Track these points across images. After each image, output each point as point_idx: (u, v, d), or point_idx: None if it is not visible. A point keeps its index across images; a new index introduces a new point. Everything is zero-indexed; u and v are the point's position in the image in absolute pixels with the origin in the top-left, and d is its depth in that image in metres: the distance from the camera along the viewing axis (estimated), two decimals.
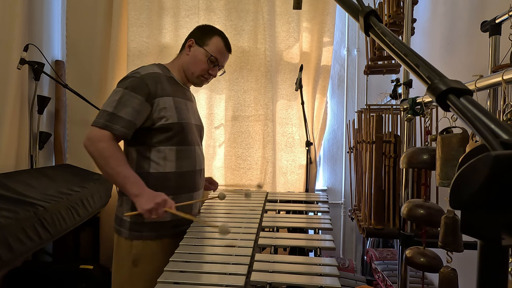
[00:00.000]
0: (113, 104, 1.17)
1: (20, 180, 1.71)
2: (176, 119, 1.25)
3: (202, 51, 1.33)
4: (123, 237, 1.25)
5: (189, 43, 1.35)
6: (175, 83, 1.34)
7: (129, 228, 1.24)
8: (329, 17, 2.57)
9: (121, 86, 1.21)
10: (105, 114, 1.17)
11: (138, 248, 1.22)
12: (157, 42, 2.59)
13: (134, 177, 1.16)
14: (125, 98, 1.17)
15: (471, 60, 1.69)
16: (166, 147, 1.25)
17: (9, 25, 1.99)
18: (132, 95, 1.18)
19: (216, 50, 1.34)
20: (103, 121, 1.16)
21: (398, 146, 1.61)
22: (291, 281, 0.87)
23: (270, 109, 2.56)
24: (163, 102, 1.23)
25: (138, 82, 1.20)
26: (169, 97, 1.26)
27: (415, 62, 0.41)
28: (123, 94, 1.18)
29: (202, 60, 1.34)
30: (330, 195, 2.78)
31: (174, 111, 1.26)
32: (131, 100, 1.18)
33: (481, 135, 0.31)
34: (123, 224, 1.26)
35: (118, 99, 1.17)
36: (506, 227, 0.29)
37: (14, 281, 1.96)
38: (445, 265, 0.96)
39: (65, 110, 2.57)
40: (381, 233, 1.61)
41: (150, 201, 1.12)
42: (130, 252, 1.23)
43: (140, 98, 1.19)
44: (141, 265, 1.21)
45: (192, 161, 1.33)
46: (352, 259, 2.73)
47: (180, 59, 1.38)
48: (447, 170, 0.87)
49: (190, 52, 1.35)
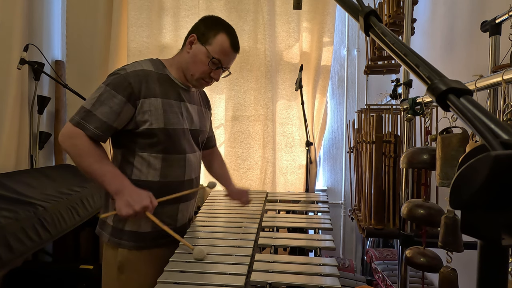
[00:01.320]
0: (92, 101, 1.07)
1: (20, 180, 1.71)
2: (162, 124, 1.11)
3: (203, 50, 1.14)
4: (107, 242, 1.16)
5: (191, 39, 1.16)
6: (169, 82, 1.18)
7: (110, 233, 1.15)
8: (329, 17, 2.57)
9: (105, 82, 1.10)
10: (82, 111, 1.07)
11: (123, 255, 1.13)
12: (157, 42, 2.59)
13: (112, 173, 1.06)
14: (104, 96, 1.06)
15: (471, 60, 1.69)
16: (150, 155, 1.13)
17: (9, 25, 1.99)
18: (112, 93, 1.06)
19: (220, 50, 1.14)
20: (78, 118, 1.06)
21: (398, 146, 1.61)
22: (291, 281, 0.87)
23: (270, 109, 2.56)
24: (148, 104, 1.09)
25: (121, 80, 1.08)
26: (157, 99, 1.11)
27: (415, 62, 0.41)
28: (104, 91, 1.07)
29: (203, 61, 1.15)
30: (330, 195, 2.78)
31: (161, 115, 1.11)
32: (110, 99, 1.06)
33: (481, 135, 0.31)
34: (105, 228, 1.17)
35: (98, 97, 1.07)
36: (506, 227, 0.29)
37: (14, 281, 1.96)
38: (445, 265, 0.96)
39: (65, 110, 2.57)
40: (381, 233, 1.61)
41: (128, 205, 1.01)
42: (116, 259, 1.13)
43: (120, 98, 1.06)
44: (127, 273, 1.13)
45: (181, 170, 1.19)
46: (352, 259, 2.73)
47: (180, 56, 1.20)
48: (447, 170, 0.87)
49: (191, 50, 1.16)
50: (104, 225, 1.18)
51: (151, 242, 1.15)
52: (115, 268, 1.14)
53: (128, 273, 1.13)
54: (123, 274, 1.13)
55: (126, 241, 1.13)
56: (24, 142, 2.12)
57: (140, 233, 1.14)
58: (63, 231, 1.64)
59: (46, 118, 2.43)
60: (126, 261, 1.13)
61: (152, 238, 1.15)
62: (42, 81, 2.34)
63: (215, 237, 1.18)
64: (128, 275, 1.13)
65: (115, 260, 1.14)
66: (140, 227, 1.14)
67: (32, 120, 2.20)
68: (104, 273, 1.19)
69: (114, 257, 1.14)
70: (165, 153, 1.14)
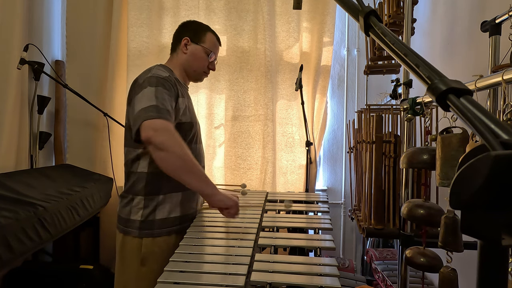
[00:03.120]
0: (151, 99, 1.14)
1: (20, 180, 1.71)
2: (189, 118, 1.30)
3: (200, 48, 1.38)
4: (131, 236, 1.24)
5: (185, 42, 1.37)
6: (179, 83, 1.35)
7: (139, 227, 1.24)
8: (329, 17, 2.57)
9: (151, 84, 1.18)
10: (150, 109, 1.11)
11: (147, 246, 1.22)
12: (157, 42, 2.59)
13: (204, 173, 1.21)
14: (159, 93, 1.17)
15: (471, 60, 1.69)
16: None
17: (9, 25, 1.99)
18: (165, 91, 1.19)
19: (212, 45, 1.40)
20: (154, 114, 1.10)
21: (398, 146, 1.61)
22: (291, 281, 0.87)
23: (270, 109, 2.56)
24: (180, 103, 1.27)
25: (165, 82, 1.22)
26: (183, 98, 1.30)
27: (415, 62, 0.41)
28: (156, 91, 1.17)
29: (202, 57, 1.38)
30: (330, 195, 2.78)
31: (187, 111, 1.30)
32: (165, 95, 1.18)
33: (481, 135, 0.31)
34: (131, 224, 1.25)
35: (154, 94, 1.15)
36: (506, 227, 0.29)
37: (14, 281, 1.96)
38: (445, 265, 0.96)
39: (65, 110, 2.57)
40: (381, 233, 1.61)
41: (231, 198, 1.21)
42: (139, 251, 1.22)
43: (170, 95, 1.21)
44: (148, 264, 1.21)
45: (198, 158, 1.34)
46: (352, 259, 2.73)
47: (178, 58, 1.39)
48: (447, 170, 0.87)
49: (188, 51, 1.37)
50: (129, 222, 1.26)
51: (180, 225, 1.29)
52: (136, 261, 1.22)
53: (149, 264, 1.21)
54: (145, 266, 1.21)
55: (159, 229, 1.24)
56: (24, 142, 2.12)
57: (170, 218, 1.27)
58: (63, 231, 1.64)
59: (46, 118, 2.43)
60: (150, 252, 1.22)
61: (180, 221, 1.29)
62: (42, 81, 2.34)
63: (215, 237, 1.18)
64: (149, 266, 1.21)
65: (138, 252, 1.23)
66: (170, 213, 1.27)
67: (32, 120, 2.20)
68: (120, 270, 1.27)
69: (137, 250, 1.23)
70: (190, 143, 1.30)
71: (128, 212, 1.26)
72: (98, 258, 2.49)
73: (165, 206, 1.25)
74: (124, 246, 1.26)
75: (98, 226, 2.49)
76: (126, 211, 1.27)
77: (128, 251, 1.26)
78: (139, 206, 1.24)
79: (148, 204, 1.24)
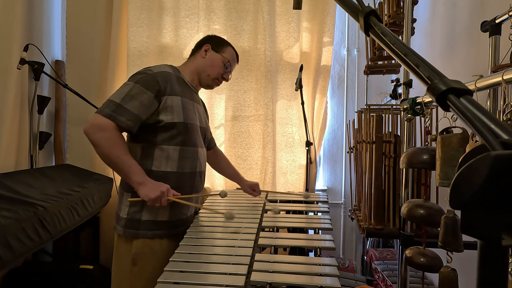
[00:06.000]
0: (121, 96, 1.19)
1: (20, 180, 1.71)
2: (181, 118, 1.28)
3: (219, 56, 1.43)
4: (122, 236, 1.26)
5: (206, 48, 1.42)
6: (184, 84, 1.36)
7: (124, 225, 1.24)
8: (329, 17, 2.57)
9: (132, 80, 1.23)
10: (112, 104, 1.17)
11: (137, 247, 1.23)
12: (157, 42, 2.59)
13: (136, 166, 1.19)
14: (134, 92, 1.19)
15: (471, 60, 1.69)
16: (170, 146, 1.26)
17: (9, 25, 1.99)
18: (142, 90, 1.20)
19: (231, 57, 1.46)
20: (108, 110, 1.16)
21: (398, 146, 1.61)
22: (291, 281, 0.87)
23: (270, 109, 2.56)
24: (170, 101, 1.26)
25: (149, 79, 1.23)
26: (177, 97, 1.28)
27: (415, 62, 0.41)
28: (133, 87, 1.20)
29: (219, 65, 1.43)
30: (330, 195, 2.78)
31: (181, 110, 1.28)
32: (140, 95, 1.19)
33: (481, 135, 0.31)
34: (119, 222, 1.27)
35: (127, 92, 1.19)
36: (506, 227, 0.29)
37: (14, 281, 1.96)
38: (445, 265, 0.96)
39: (65, 110, 2.57)
40: (381, 233, 1.61)
41: (155, 189, 1.16)
42: (130, 251, 1.23)
43: (150, 94, 1.21)
44: (140, 264, 1.21)
45: (194, 162, 1.34)
46: (352, 259, 2.73)
47: (195, 62, 1.43)
48: (447, 170, 0.87)
49: (207, 56, 1.42)
50: (118, 219, 1.28)
51: (168, 230, 1.26)
52: (128, 261, 1.22)
53: (141, 265, 1.21)
54: (137, 266, 1.21)
55: (144, 231, 1.23)
56: (24, 142, 2.12)
57: (158, 222, 1.25)
58: (63, 231, 1.64)
59: (46, 118, 2.43)
60: (140, 253, 1.22)
61: (168, 226, 1.27)
62: (42, 81, 2.34)
63: (215, 237, 1.18)
64: (141, 266, 1.21)
65: (129, 253, 1.23)
66: (157, 216, 1.25)
67: (32, 120, 2.20)
68: (116, 269, 1.28)
69: (128, 250, 1.23)
70: (182, 145, 1.29)
71: (119, 209, 1.29)
72: (98, 258, 2.48)
73: (153, 208, 1.23)
74: (118, 245, 1.28)
75: (98, 226, 2.49)
76: (119, 208, 1.29)
77: (121, 250, 1.27)
78: (126, 203, 1.26)
79: (135, 202, 1.24)
